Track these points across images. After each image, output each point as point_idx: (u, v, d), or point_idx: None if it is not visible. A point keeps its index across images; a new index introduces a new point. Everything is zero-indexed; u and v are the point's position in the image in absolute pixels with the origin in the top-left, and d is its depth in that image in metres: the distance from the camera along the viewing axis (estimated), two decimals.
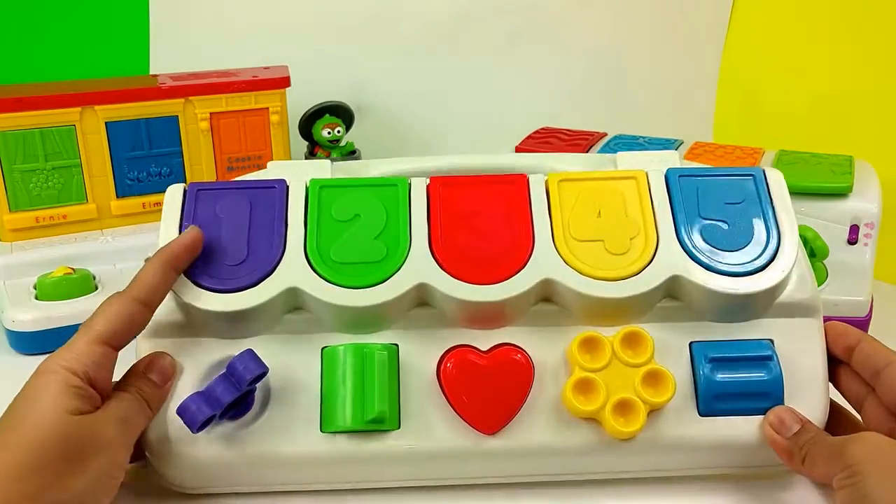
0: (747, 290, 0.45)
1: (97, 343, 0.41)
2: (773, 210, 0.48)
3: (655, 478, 0.47)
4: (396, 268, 0.46)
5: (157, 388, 0.45)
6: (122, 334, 0.43)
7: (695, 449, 0.46)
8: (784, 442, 0.44)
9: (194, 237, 0.46)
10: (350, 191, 0.49)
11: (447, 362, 0.46)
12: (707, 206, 0.48)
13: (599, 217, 0.48)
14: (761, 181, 0.49)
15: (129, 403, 0.43)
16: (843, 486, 0.39)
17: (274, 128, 0.76)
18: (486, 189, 0.49)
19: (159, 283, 0.44)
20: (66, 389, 0.40)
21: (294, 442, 0.45)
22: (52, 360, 0.41)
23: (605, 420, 0.44)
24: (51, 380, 0.40)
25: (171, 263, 0.45)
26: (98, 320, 0.42)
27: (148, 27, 0.94)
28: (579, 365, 0.45)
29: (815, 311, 0.48)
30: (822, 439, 0.43)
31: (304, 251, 0.46)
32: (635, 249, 0.47)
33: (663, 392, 0.44)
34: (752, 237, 0.47)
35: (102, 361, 0.42)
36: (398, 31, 0.96)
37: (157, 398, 0.45)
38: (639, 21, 0.96)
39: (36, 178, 0.69)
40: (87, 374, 0.41)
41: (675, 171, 0.49)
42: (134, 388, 0.44)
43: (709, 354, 0.46)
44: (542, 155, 0.58)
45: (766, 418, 0.45)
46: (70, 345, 0.42)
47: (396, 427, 0.45)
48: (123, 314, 0.42)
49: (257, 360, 0.44)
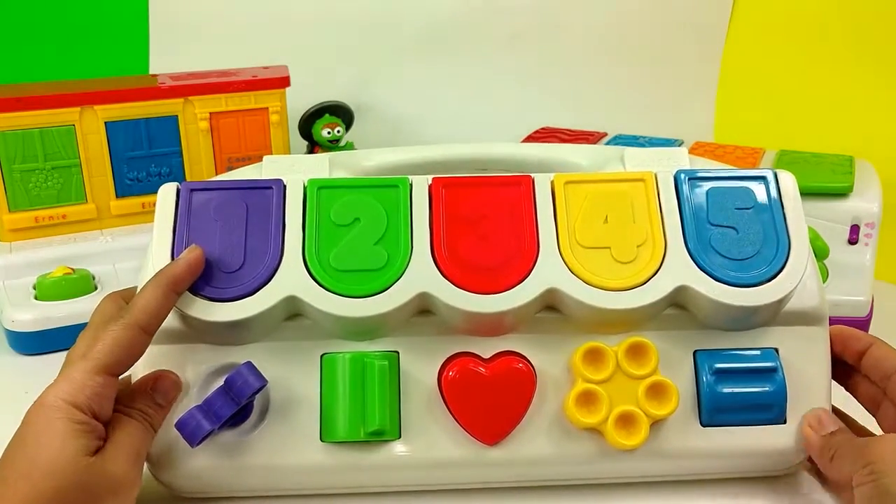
0: (755, 303, 0.44)
1: (97, 373, 0.40)
2: (783, 216, 0.46)
3: (656, 482, 0.47)
4: (397, 276, 0.44)
5: (161, 409, 0.44)
6: (123, 362, 0.41)
7: (695, 457, 0.46)
8: (819, 440, 0.44)
9: (196, 258, 0.44)
10: (349, 192, 0.47)
11: (449, 371, 0.45)
12: (716, 212, 0.46)
13: (606, 223, 0.46)
14: (773, 184, 0.47)
15: (136, 432, 0.42)
16: (863, 482, 0.40)
17: (273, 127, 0.76)
18: (490, 191, 0.47)
19: (160, 308, 0.42)
20: (74, 428, 0.38)
21: (294, 452, 0.45)
22: (53, 393, 0.39)
23: (606, 433, 0.44)
24: (55, 417, 0.38)
25: (173, 287, 0.43)
26: (98, 348, 0.41)
27: (147, 27, 0.94)
28: (582, 376, 0.45)
29: (822, 320, 0.47)
30: (853, 440, 0.43)
31: (303, 257, 0.45)
32: (642, 258, 0.45)
33: (666, 405, 0.44)
34: (762, 245, 0.46)
35: (104, 392, 0.40)
36: (398, 31, 0.96)
37: (160, 419, 0.44)
38: (639, 21, 0.96)
39: (35, 177, 0.69)
40: (91, 406, 0.39)
41: (684, 174, 0.48)
42: (139, 413, 0.42)
43: (713, 365, 0.46)
44: (548, 146, 0.57)
45: (806, 417, 0.45)
46: (69, 375, 0.40)
47: (397, 437, 0.45)
48: (124, 341, 0.41)
49: (256, 374, 0.43)
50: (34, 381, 0.41)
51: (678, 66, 0.97)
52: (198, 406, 0.43)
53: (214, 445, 0.45)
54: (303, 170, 0.50)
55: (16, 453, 0.38)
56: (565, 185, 0.47)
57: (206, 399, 0.43)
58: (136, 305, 0.42)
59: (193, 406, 0.43)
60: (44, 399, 0.39)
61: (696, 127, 0.95)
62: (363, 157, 0.54)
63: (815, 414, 0.45)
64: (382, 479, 0.46)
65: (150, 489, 0.46)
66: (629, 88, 0.98)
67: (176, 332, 0.45)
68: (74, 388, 0.39)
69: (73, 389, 0.39)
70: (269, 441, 0.45)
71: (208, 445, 0.44)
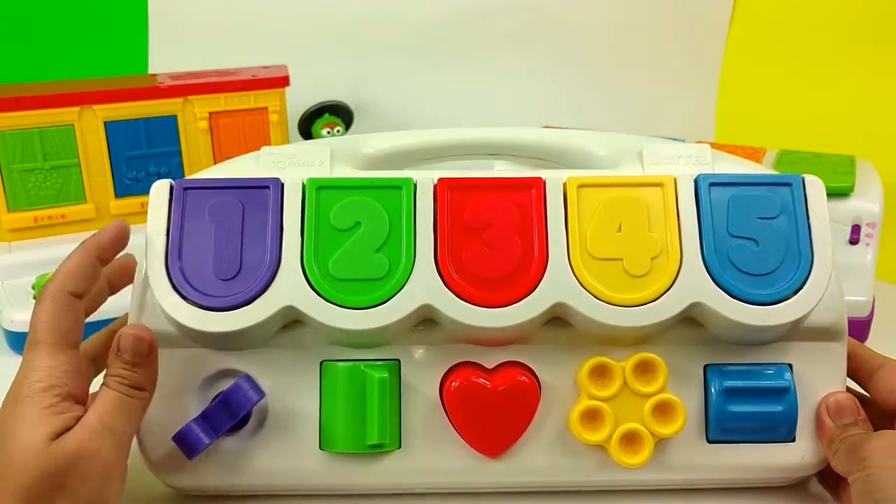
0: (771, 322, 0.42)
1: (56, 351, 0.40)
2: (808, 227, 0.44)
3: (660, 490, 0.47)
4: (399, 286, 0.43)
5: (137, 367, 0.41)
6: (71, 332, 0.41)
7: (700, 472, 0.45)
8: (832, 428, 0.43)
9: (122, 232, 0.44)
10: (350, 193, 0.44)
11: (451, 381, 0.44)
12: (737, 222, 0.44)
13: (620, 232, 0.44)
14: (799, 191, 0.45)
15: (106, 404, 0.40)
16: (856, 478, 0.39)
17: (273, 127, 0.76)
18: (499, 194, 0.44)
19: (87, 273, 0.42)
20: (43, 413, 0.38)
21: (293, 460, 0.44)
22: (20, 385, 0.39)
23: (610, 450, 0.43)
24: (25, 406, 0.38)
25: (97, 253, 0.43)
26: (40, 328, 0.40)
27: (147, 26, 0.94)
28: (588, 392, 0.44)
29: (840, 335, 0.45)
30: (855, 436, 0.42)
31: (301, 263, 0.43)
32: (656, 271, 0.43)
33: (672, 423, 0.43)
34: (783, 259, 0.43)
35: (69, 367, 0.40)
36: (398, 31, 0.96)
37: (142, 377, 0.41)
38: (639, 20, 0.96)
39: (34, 177, 0.69)
40: (63, 387, 0.39)
41: (705, 179, 0.45)
42: (113, 380, 0.41)
43: (724, 383, 0.44)
44: (566, 132, 0.54)
45: (825, 399, 0.44)
46: (31, 363, 0.40)
47: (397, 447, 0.45)
48: (59, 310, 0.41)
49: (254, 387, 0.43)
50: None
51: (678, 66, 0.97)
52: (195, 419, 0.43)
53: (213, 452, 0.44)
54: (303, 162, 0.48)
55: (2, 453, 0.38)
56: (579, 188, 0.45)
57: (204, 412, 0.43)
58: (60, 272, 0.42)
59: (191, 419, 0.43)
60: (17, 391, 0.39)
61: (697, 127, 0.95)
62: (366, 143, 0.52)
63: (835, 399, 0.44)
64: (381, 488, 0.46)
65: (150, 487, 0.46)
66: (629, 88, 0.97)
67: (172, 337, 0.44)
68: (40, 374, 0.39)
69: (41, 375, 0.39)
70: (269, 449, 0.45)
71: (207, 453, 0.44)
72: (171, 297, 0.43)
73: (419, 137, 0.53)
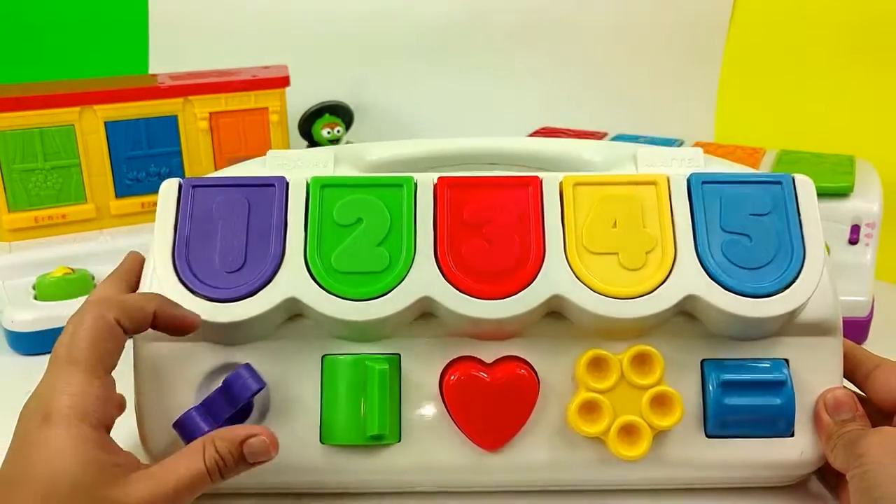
0: (765, 314, 0.43)
1: (93, 376, 0.38)
2: (799, 223, 0.45)
3: (659, 489, 0.47)
4: (399, 279, 0.44)
5: (238, 464, 0.40)
6: (113, 358, 0.40)
7: (699, 468, 0.45)
8: (829, 424, 0.43)
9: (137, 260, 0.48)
10: (353, 191, 0.46)
11: (450, 375, 0.45)
12: (729, 218, 0.45)
13: (615, 228, 0.45)
14: (790, 189, 0.46)
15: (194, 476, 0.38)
16: (854, 475, 0.39)
17: (273, 127, 0.76)
18: (497, 192, 0.46)
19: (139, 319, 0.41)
20: (86, 448, 0.36)
21: (294, 452, 0.44)
22: (49, 401, 0.37)
23: (608, 442, 0.44)
24: (58, 427, 0.36)
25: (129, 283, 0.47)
26: (81, 347, 0.38)
27: (147, 27, 0.94)
28: (586, 385, 0.44)
29: (836, 330, 0.46)
30: (852, 432, 0.42)
31: (305, 257, 0.44)
32: (651, 265, 0.44)
33: (670, 416, 0.43)
34: (776, 254, 0.44)
35: (101, 394, 0.38)
36: (398, 32, 0.96)
37: (234, 473, 0.40)
38: (639, 21, 0.96)
39: (35, 177, 0.69)
40: (95, 413, 0.37)
41: (698, 178, 0.46)
42: (213, 453, 0.39)
43: (720, 377, 0.45)
44: (561, 140, 0.55)
45: (823, 396, 0.44)
46: (62, 379, 0.37)
47: (397, 440, 0.45)
48: (105, 335, 0.39)
49: (255, 376, 0.43)
50: (34, 381, 0.40)
51: (678, 66, 0.97)
52: (196, 407, 0.43)
53: None
54: (308, 164, 0.49)
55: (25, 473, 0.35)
56: (574, 186, 0.46)
57: (205, 400, 0.43)
58: (113, 300, 0.41)
59: (192, 407, 0.43)
60: (45, 409, 0.37)
61: (697, 127, 0.95)
62: (369, 151, 0.53)
63: (833, 395, 0.44)
64: (381, 482, 0.46)
65: None
66: (629, 88, 0.97)
67: None
68: (75, 398, 0.37)
69: (75, 401, 0.37)
70: None
71: None
72: (178, 289, 0.44)
73: (420, 147, 0.54)
